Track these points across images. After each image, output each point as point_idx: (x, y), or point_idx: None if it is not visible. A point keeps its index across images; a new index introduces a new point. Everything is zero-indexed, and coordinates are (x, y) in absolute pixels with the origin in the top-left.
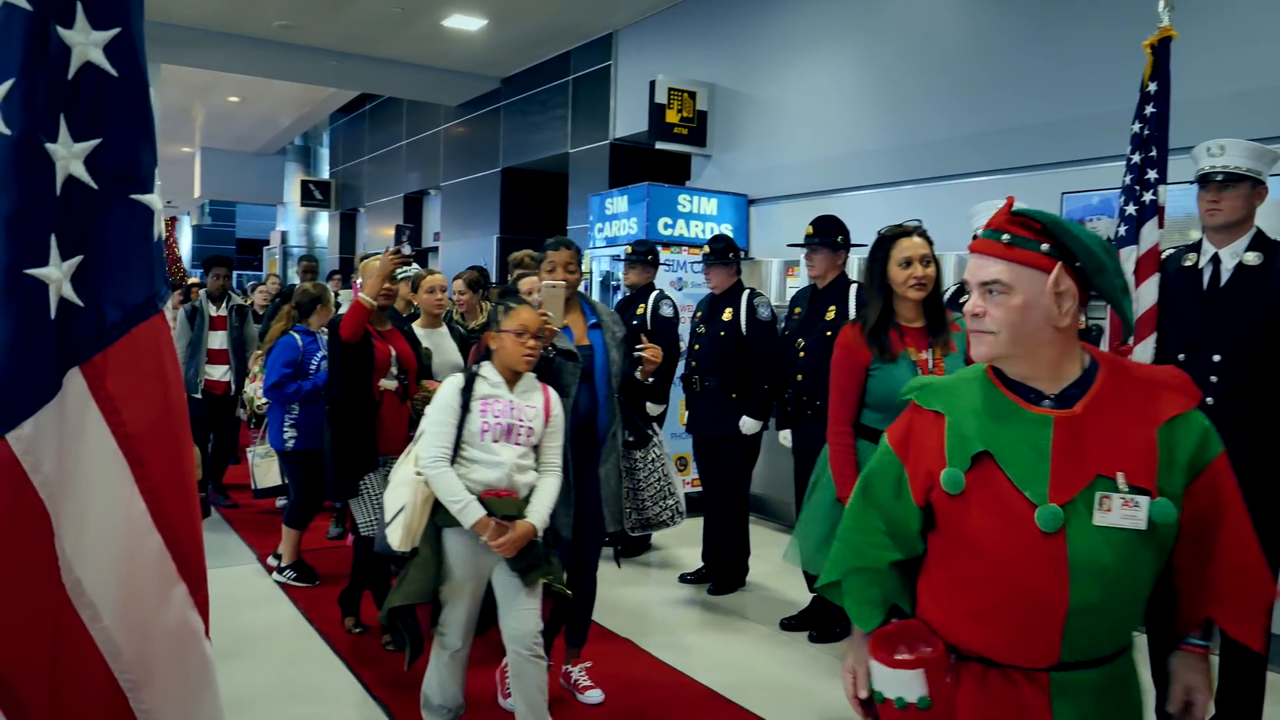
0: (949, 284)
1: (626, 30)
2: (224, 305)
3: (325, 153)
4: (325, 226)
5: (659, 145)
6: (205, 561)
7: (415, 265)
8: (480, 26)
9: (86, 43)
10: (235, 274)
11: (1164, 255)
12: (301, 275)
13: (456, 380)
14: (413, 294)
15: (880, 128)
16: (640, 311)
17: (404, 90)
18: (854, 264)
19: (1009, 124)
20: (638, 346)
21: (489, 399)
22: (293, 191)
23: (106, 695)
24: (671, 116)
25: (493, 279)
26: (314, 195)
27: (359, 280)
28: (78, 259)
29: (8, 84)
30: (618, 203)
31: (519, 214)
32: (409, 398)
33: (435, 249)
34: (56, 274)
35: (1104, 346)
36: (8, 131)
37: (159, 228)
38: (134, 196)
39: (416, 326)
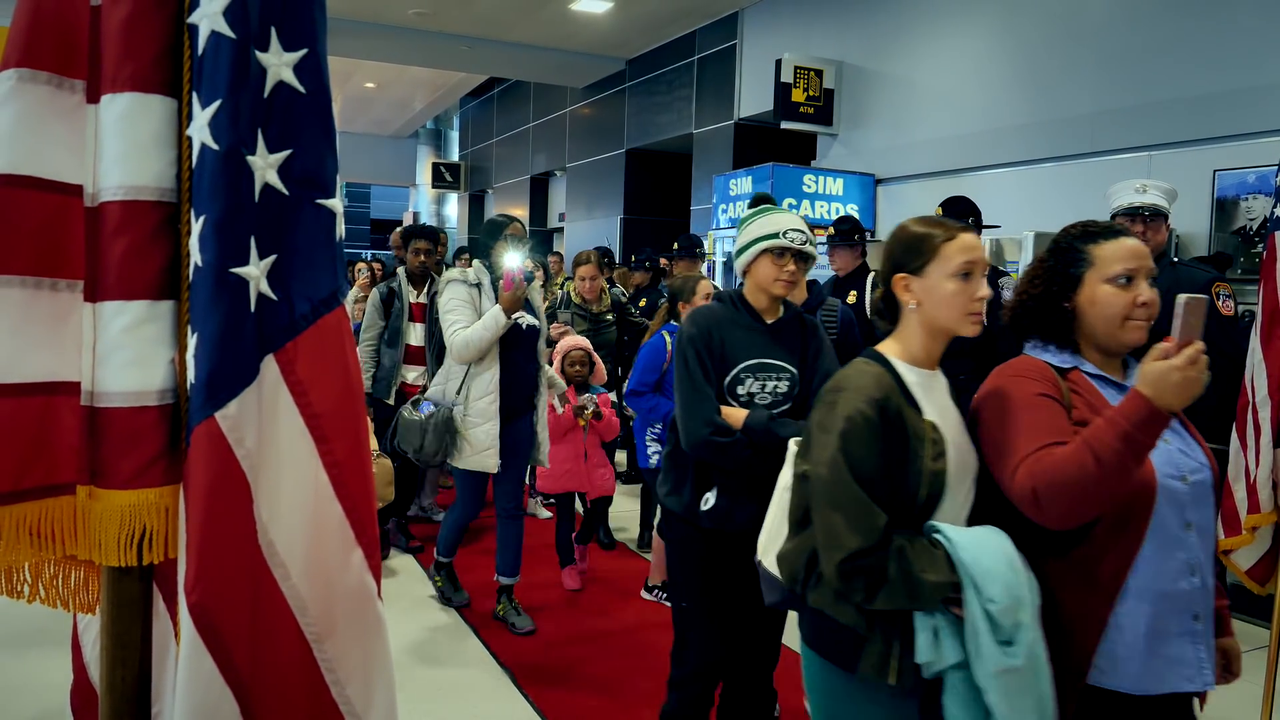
0: None
1: (752, 9)
2: (424, 290)
3: (455, 135)
4: (455, 207)
5: (784, 125)
6: (379, 530)
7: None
8: (606, 9)
9: (279, 63)
10: (371, 253)
11: None
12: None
13: None
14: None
15: (1018, 102)
16: None
17: (532, 73)
18: (984, 247)
19: (1157, 97)
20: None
21: None
22: (424, 173)
23: (295, 645)
24: (797, 95)
25: (617, 260)
26: (444, 177)
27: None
28: (272, 258)
29: (216, 104)
30: (742, 183)
31: (643, 195)
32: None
33: (560, 229)
34: (255, 271)
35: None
36: (216, 146)
37: (340, 229)
38: (319, 201)
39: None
